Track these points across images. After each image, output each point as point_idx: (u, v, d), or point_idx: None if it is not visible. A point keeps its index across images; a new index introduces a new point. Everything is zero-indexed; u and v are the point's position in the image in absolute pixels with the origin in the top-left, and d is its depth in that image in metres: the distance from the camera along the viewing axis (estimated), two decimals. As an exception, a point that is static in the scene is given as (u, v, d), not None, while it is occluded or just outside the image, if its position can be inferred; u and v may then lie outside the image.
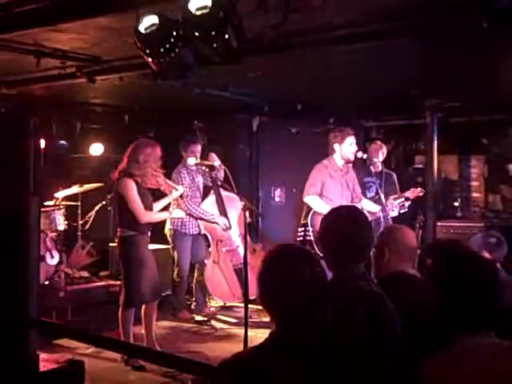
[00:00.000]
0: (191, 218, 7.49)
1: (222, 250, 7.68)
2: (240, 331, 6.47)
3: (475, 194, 10.75)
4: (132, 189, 5.82)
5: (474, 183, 10.73)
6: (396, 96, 8.06)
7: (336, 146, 6.88)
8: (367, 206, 7.15)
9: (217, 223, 7.52)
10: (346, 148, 6.87)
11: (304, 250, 2.59)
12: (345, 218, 3.03)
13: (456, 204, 10.38)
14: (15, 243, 4.30)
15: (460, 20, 4.68)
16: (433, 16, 4.65)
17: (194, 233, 7.62)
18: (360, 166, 7.83)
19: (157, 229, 6.91)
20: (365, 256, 2.97)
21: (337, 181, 6.91)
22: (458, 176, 10.76)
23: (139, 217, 5.83)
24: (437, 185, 8.41)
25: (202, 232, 7.64)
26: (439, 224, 8.71)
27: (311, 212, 6.76)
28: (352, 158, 6.97)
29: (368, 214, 6.75)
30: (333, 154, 6.95)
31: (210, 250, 7.81)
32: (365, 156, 7.41)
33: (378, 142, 8.05)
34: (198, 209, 7.44)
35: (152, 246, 6.70)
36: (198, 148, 7.49)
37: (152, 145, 6.02)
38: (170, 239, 7.62)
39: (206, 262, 7.72)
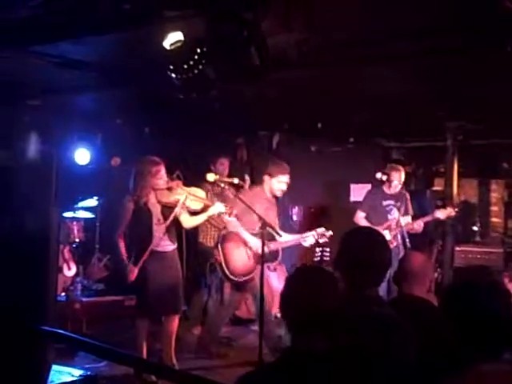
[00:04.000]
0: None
1: None
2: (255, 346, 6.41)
3: (494, 219, 10.67)
4: (124, 208, 6.00)
5: (494, 208, 10.65)
6: (417, 117, 8.04)
7: (266, 178, 6.73)
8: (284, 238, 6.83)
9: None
10: (274, 184, 6.68)
11: (324, 273, 2.60)
12: (358, 240, 3.02)
13: (475, 228, 10.27)
14: (36, 253, 4.32)
15: (485, 43, 4.69)
16: (458, 38, 4.66)
17: None
18: (376, 191, 7.75)
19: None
20: (380, 278, 2.95)
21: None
22: (478, 200, 10.68)
23: (113, 237, 6.02)
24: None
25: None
26: (457, 249, 8.65)
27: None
28: (279, 194, 6.84)
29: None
30: (262, 184, 6.82)
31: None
32: (384, 178, 7.37)
33: (399, 166, 7.89)
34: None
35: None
36: (226, 163, 7.58)
37: (148, 162, 6.06)
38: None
39: None
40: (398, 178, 7.58)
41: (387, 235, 7.18)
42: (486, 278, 3.29)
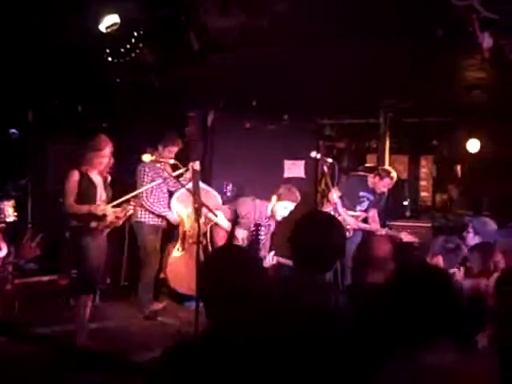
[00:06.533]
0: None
1: (189, 240, 7.59)
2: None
3: (423, 194, 10.98)
4: (70, 179, 5.86)
5: (423, 183, 10.95)
6: (350, 95, 8.14)
7: (273, 198, 6.66)
8: None
9: (167, 216, 7.42)
10: (279, 208, 6.60)
11: (242, 254, 2.57)
12: (317, 224, 2.95)
13: (405, 203, 10.52)
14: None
15: (416, 28, 4.80)
16: (393, 20, 4.76)
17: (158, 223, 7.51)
18: (357, 179, 7.79)
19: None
20: (332, 264, 2.92)
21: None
22: (408, 175, 10.95)
23: (65, 208, 5.89)
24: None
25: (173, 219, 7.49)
26: (388, 223, 8.84)
27: None
28: (278, 218, 6.68)
29: None
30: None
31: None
32: (318, 156, 7.39)
33: (394, 174, 7.65)
34: (150, 205, 7.30)
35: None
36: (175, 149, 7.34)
37: (100, 139, 5.97)
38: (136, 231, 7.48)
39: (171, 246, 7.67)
40: (388, 184, 7.59)
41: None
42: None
